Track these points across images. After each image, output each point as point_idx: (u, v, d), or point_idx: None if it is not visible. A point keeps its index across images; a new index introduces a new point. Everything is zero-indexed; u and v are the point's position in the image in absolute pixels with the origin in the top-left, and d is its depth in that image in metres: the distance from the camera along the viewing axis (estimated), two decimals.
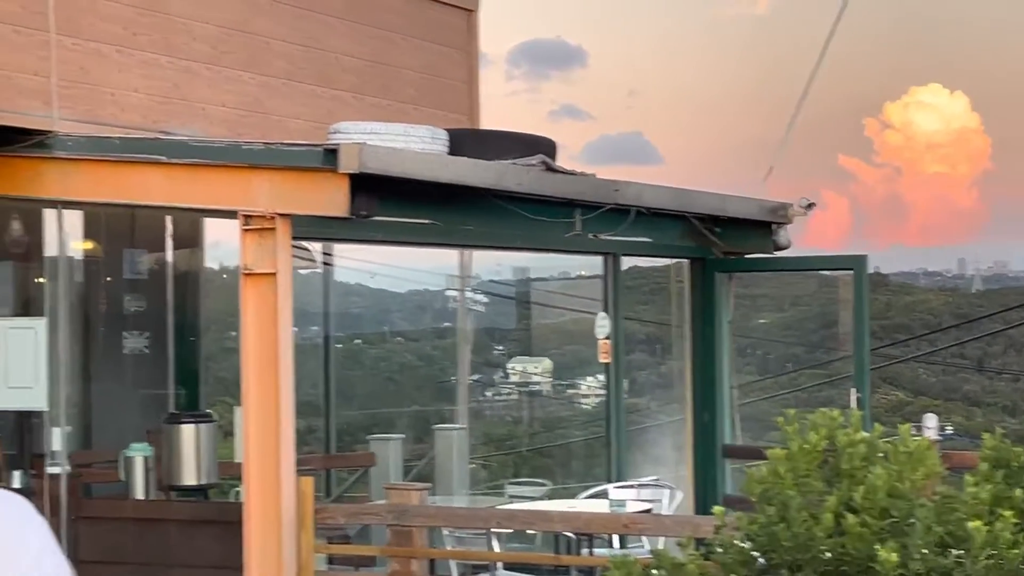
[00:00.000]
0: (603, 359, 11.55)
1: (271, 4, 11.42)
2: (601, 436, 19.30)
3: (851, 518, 5.37)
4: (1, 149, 9.45)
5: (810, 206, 12.06)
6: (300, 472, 9.01)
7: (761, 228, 12.16)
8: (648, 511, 10.35)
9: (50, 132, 9.44)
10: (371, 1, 12.41)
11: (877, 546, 4.92)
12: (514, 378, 26.04)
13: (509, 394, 26.27)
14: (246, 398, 8.89)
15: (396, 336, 27.06)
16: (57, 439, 9.92)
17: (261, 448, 8.83)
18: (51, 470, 9.87)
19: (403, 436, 14.18)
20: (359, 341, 23.49)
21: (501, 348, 25.05)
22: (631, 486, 11.15)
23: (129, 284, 13.12)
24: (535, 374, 25.80)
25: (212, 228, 13.68)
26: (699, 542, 7.37)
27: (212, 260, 14.52)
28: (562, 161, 10.46)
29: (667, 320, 16.31)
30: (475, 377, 18.86)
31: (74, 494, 9.97)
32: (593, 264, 15.83)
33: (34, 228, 11.53)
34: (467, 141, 10.22)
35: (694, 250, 12.25)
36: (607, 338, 11.46)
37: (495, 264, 19.26)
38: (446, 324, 23.46)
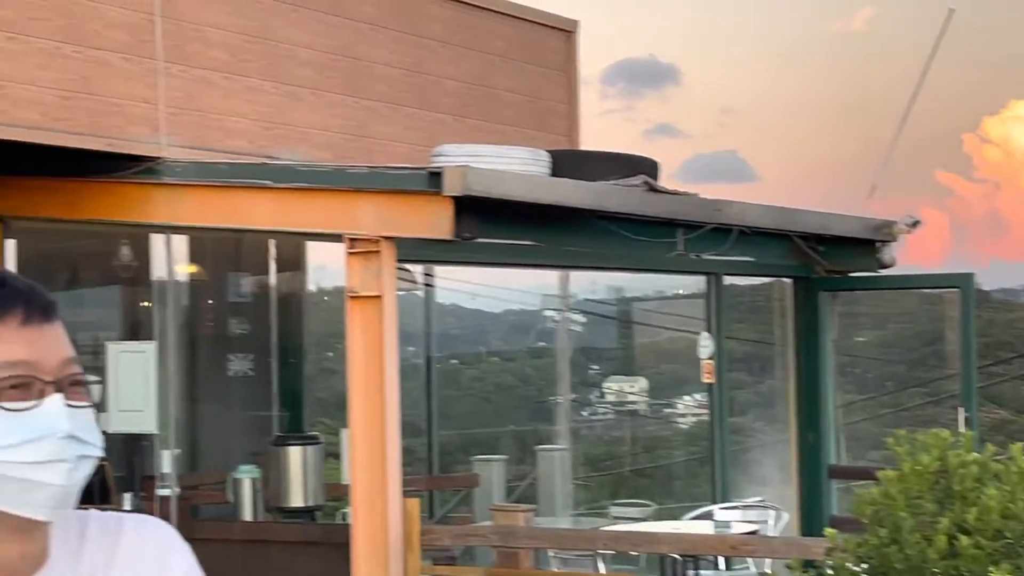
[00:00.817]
0: (706, 379, 11.51)
1: (373, 29, 11.52)
2: (701, 456, 19.22)
3: (964, 540, 5.32)
4: (111, 176, 9.59)
5: (915, 224, 11.96)
6: (405, 493, 9.06)
7: (865, 246, 12.08)
8: (754, 532, 10.29)
9: (159, 158, 9.57)
10: (472, 24, 12.48)
11: (991, 568, 4.87)
12: (610, 397, 25.96)
13: (605, 414, 26.20)
14: (352, 420, 8.95)
15: (492, 356, 27.11)
16: (167, 461, 10.04)
17: (368, 470, 8.88)
18: (161, 492, 10.00)
19: (506, 457, 14.20)
20: (455, 361, 23.57)
21: (597, 367, 25.00)
22: (736, 507, 11.09)
23: (233, 307, 13.27)
24: (631, 393, 25.72)
25: (314, 251, 13.80)
26: (808, 564, 7.33)
27: (313, 282, 14.67)
28: (659, 180, 10.45)
29: (765, 339, 16.21)
30: (571, 397, 18.85)
31: (183, 516, 10.08)
32: (689, 283, 15.79)
33: (141, 252, 11.70)
34: (569, 162, 10.25)
35: (797, 269, 12.19)
36: (710, 358, 11.42)
37: (590, 283, 19.28)
38: (541, 344, 23.46)
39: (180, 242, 12.09)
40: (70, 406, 1.98)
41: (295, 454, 10.18)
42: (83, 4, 9.30)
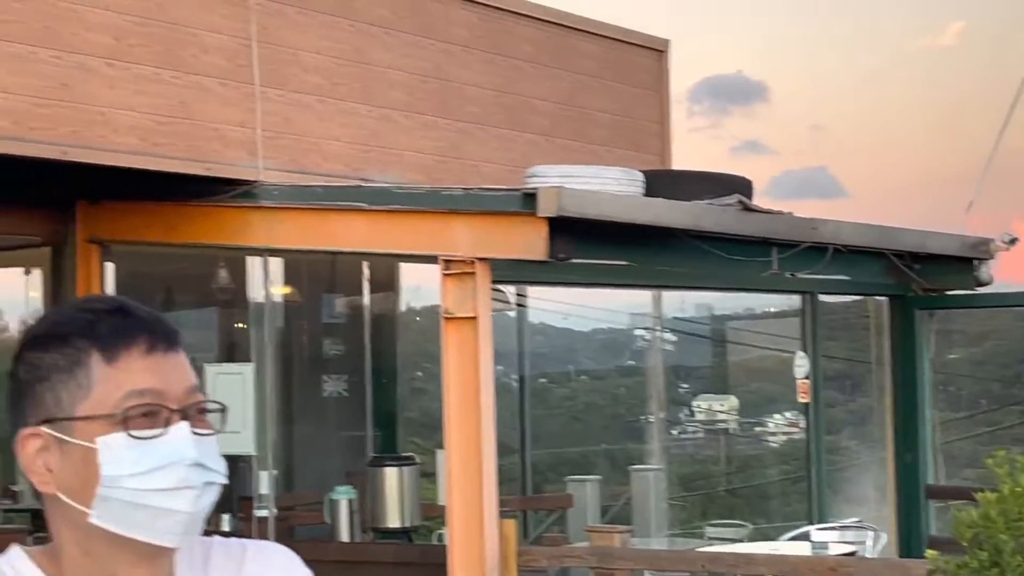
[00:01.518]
0: (802, 399, 11.43)
1: (464, 51, 11.57)
2: (794, 476, 19.06)
3: None
4: (209, 199, 9.69)
5: (1012, 241, 11.83)
6: (500, 514, 9.06)
7: (962, 264, 11.96)
8: (852, 554, 10.19)
9: (256, 182, 9.67)
10: (563, 45, 12.51)
11: None
12: (700, 416, 25.85)
13: (695, 432, 26.08)
14: (448, 441, 8.97)
15: (581, 375, 27.09)
16: (265, 483, 10.11)
17: (464, 490, 8.90)
18: (259, 513, 10.07)
19: (600, 478, 14.17)
20: (544, 380, 23.58)
21: (686, 386, 24.90)
22: (833, 528, 10.99)
23: (327, 328, 13.36)
24: (721, 412, 25.60)
25: (406, 271, 13.87)
26: None
27: (404, 302, 14.73)
28: (752, 199, 10.42)
29: (856, 357, 16.06)
30: (661, 415, 18.78)
31: (281, 537, 10.15)
32: (779, 301, 15.67)
33: (237, 274, 11.81)
34: (662, 182, 10.24)
35: (893, 287, 12.09)
36: (806, 377, 11.34)
37: (679, 301, 19.21)
38: (630, 362, 23.41)
39: (275, 264, 12.20)
40: (196, 434, 2.01)
41: (391, 475, 10.23)
42: (181, 30, 9.42)
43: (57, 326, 2.05)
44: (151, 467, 1.96)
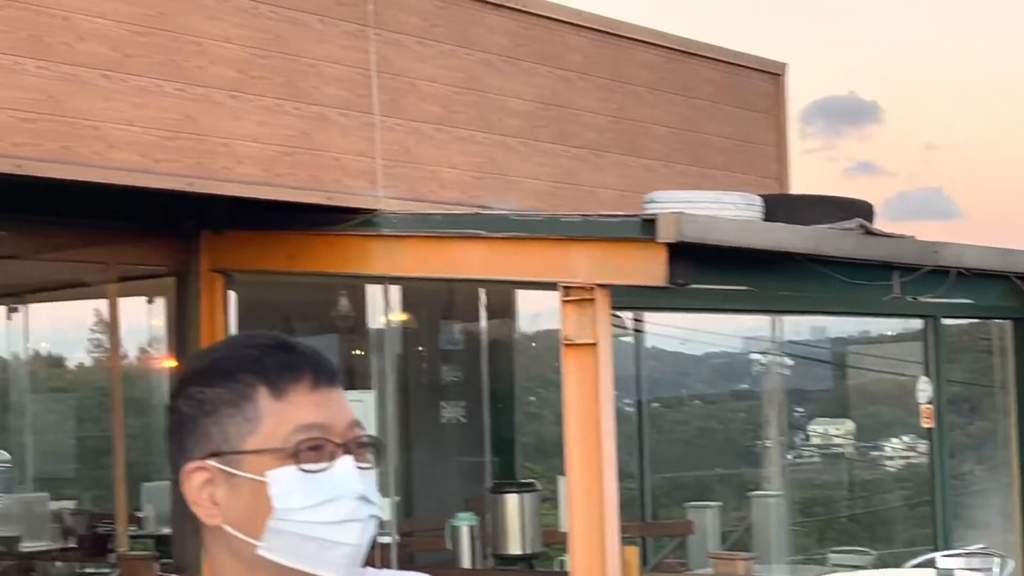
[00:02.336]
0: (925, 424, 11.29)
1: (581, 78, 11.60)
2: (913, 501, 18.80)
3: None
4: (330, 228, 9.79)
5: None
6: (622, 540, 9.04)
7: None
8: None
9: (376, 210, 9.75)
10: (679, 70, 12.50)
11: None
12: (815, 440, 25.60)
13: (811, 457, 25.82)
14: (569, 467, 8.97)
15: (694, 399, 26.96)
16: (387, 509, 10.18)
17: (585, 517, 8.89)
18: (382, 540, 10.12)
19: (720, 504, 14.08)
20: (657, 404, 23.49)
21: (802, 410, 24.68)
22: (959, 554, 10.83)
23: (445, 354, 13.43)
24: (837, 436, 25.33)
25: (523, 297, 13.90)
26: None
27: (519, 328, 14.75)
28: (873, 222, 10.33)
29: (974, 380, 15.82)
30: (778, 440, 18.62)
31: (402, 563, 10.19)
32: (895, 324, 15.47)
33: (356, 301, 11.91)
34: (782, 206, 10.19)
35: (1016, 310, 11.92)
36: (929, 402, 11.20)
37: (794, 324, 19.06)
38: (744, 386, 23.26)
39: (393, 291, 12.29)
40: (359, 467, 2.03)
41: (512, 501, 10.24)
42: (302, 61, 9.54)
43: (222, 361, 2.07)
44: (320, 500, 1.98)
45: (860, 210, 10.18)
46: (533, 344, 16.67)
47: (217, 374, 2.05)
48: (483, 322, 13.58)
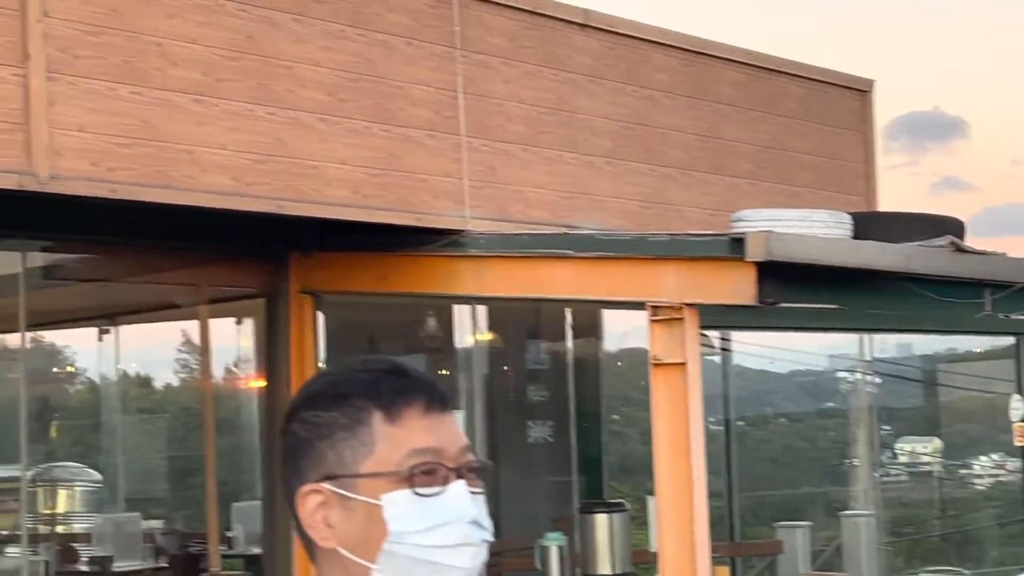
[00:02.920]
0: (1018, 442, 11.16)
1: (667, 97, 11.60)
2: (1005, 520, 18.56)
3: None
4: (418, 249, 9.84)
5: None
6: (712, 560, 9.01)
7: None
8: None
9: (463, 231, 9.79)
10: (765, 87, 12.47)
11: None
12: (903, 459, 25.36)
13: (898, 475, 25.58)
14: (659, 487, 8.96)
15: (779, 417, 26.79)
16: None
17: (676, 537, 8.87)
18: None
19: (810, 523, 13.99)
20: (741, 423, 23.37)
21: (888, 428, 24.47)
22: None
23: (531, 374, 13.44)
24: (925, 454, 25.08)
25: (608, 316, 13.90)
26: None
27: (604, 347, 14.74)
28: (964, 239, 10.24)
29: None
30: (867, 458, 18.47)
31: None
32: (983, 341, 15.30)
33: (442, 321, 11.95)
34: (871, 224, 10.12)
35: None
36: (1022, 420, 11.08)
37: (880, 341, 18.91)
38: (829, 404, 23.08)
39: (480, 311, 12.33)
40: (471, 492, 2.05)
41: (602, 521, 10.23)
42: (390, 84, 9.61)
43: (336, 385, 2.10)
44: (435, 524, 2.00)
45: (951, 227, 10.10)
46: (619, 363, 16.66)
47: (332, 398, 2.08)
48: (569, 341, 13.58)
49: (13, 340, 13.70)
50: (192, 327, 16.23)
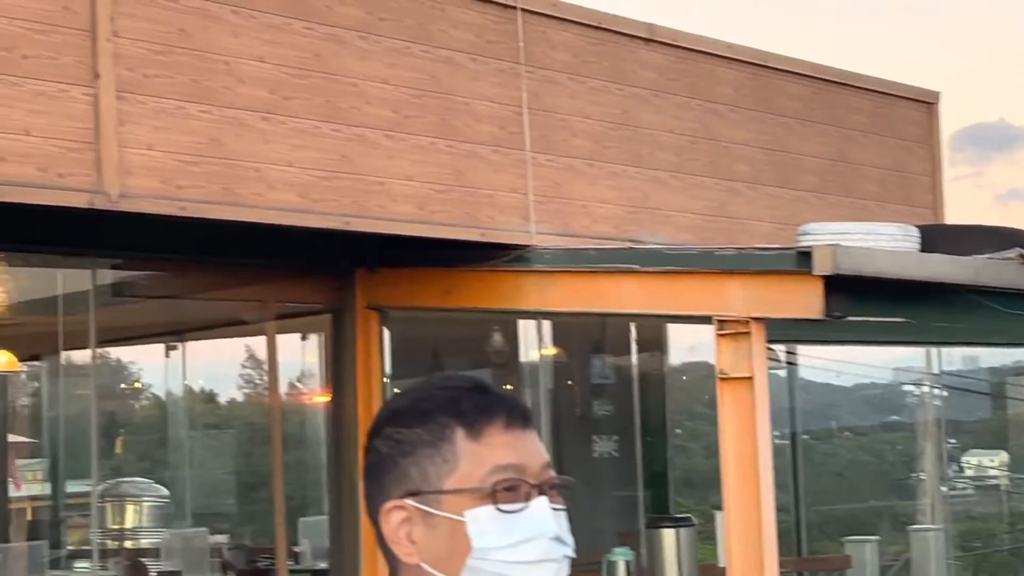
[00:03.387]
0: None
1: (732, 110, 11.58)
2: None
3: None
4: (484, 264, 9.86)
5: None
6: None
7: None
8: None
9: (528, 246, 9.80)
10: (831, 100, 12.43)
11: None
12: (969, 472, 25.16)
13: (964, 489, 25.37)
14: (727, 502, 8.92)
15: (844, 431, 26.65)
16: None
17: (744, 552, 8.84)
18: None
19: (878, 538, 13.91)
20: (806, 437, 23.26)
21: (954, 441, 24.27)
22: None
23: (595, 388, 13.44)
24: (992, 467, 24.88)
25: (673, 330, 13.87)
26: None
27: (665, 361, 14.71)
28: None
29: None
30: (934, 472, 18.33)
31: None
32: None
33: (507, 336, 11.96)
34: (938, 237, 10.06)
35: None
36: None
37: (946, 354, 18.77)
38: (894, 417, 22.93)
39: (544, 326, 12.34)
40: (553, 508, 2.06)
41: (669, 536, 10.21)
42: (455, 100, 9.64)
43: (420, 402, 2.12)
44: (518, 540, 2.02)
45: (1019, 239, 10.02)
46: (684, 377, 16.63)
47: (415, 416, 2.09)
48: (634, 356, 13.57)
49: (83, 357, 13.85)
50: (256, 343, 16.35)
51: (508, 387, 12.21)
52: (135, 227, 8.62)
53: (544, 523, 2.04)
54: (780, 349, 12.52)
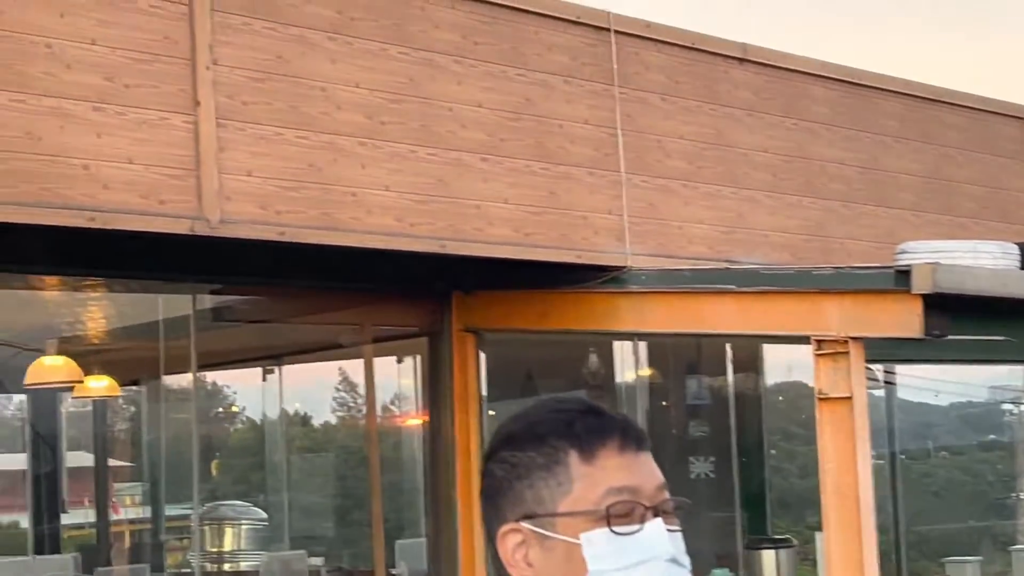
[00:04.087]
0: None
1: (827, 129, 11.52)
2: None
3: None
4: (579, 286, 9.87)
5: None
6: None
7: None
8: None
9: (623, 267, 9.80)
10: (926, 118, 12.34)
11: None
12: None
13: None
14: (826, 523, 8.85)
15: (940, 451, 26.29)
16: None
17: (844, 573, 8.76)
18: None
19: (980, 558, 13.74)
20: (902, 456, 22.98)
21: None
22: None
23: (691, 409, 13.39)
24: None
25: (768, 350, 13.79)
26: None
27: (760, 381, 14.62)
28: None
29: None
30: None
31: None
32: None
33: (602, 357, 11.96)
34: None
35: None
36: None
37: None
38: (992, 436, 22.60)
39: (640, 347, 12.33)
40: (669, 530, 2.07)
41: (769, 558, 10.16)
42: (550, 123, 9.67)
43: (534, 426, 2.13)
44: (633, 562, 2.02)
45: None
46: (780, 397, 16.52)
47: (529, 439, 2.11)
48: (730, 376, 13.52)
49: (183, 381, 14.01)
50: (351, 366, 16.46)
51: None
52: (235, 252, 8.72)
53: (659, 545, 2.05)
54: (878, 368, 12.42)
